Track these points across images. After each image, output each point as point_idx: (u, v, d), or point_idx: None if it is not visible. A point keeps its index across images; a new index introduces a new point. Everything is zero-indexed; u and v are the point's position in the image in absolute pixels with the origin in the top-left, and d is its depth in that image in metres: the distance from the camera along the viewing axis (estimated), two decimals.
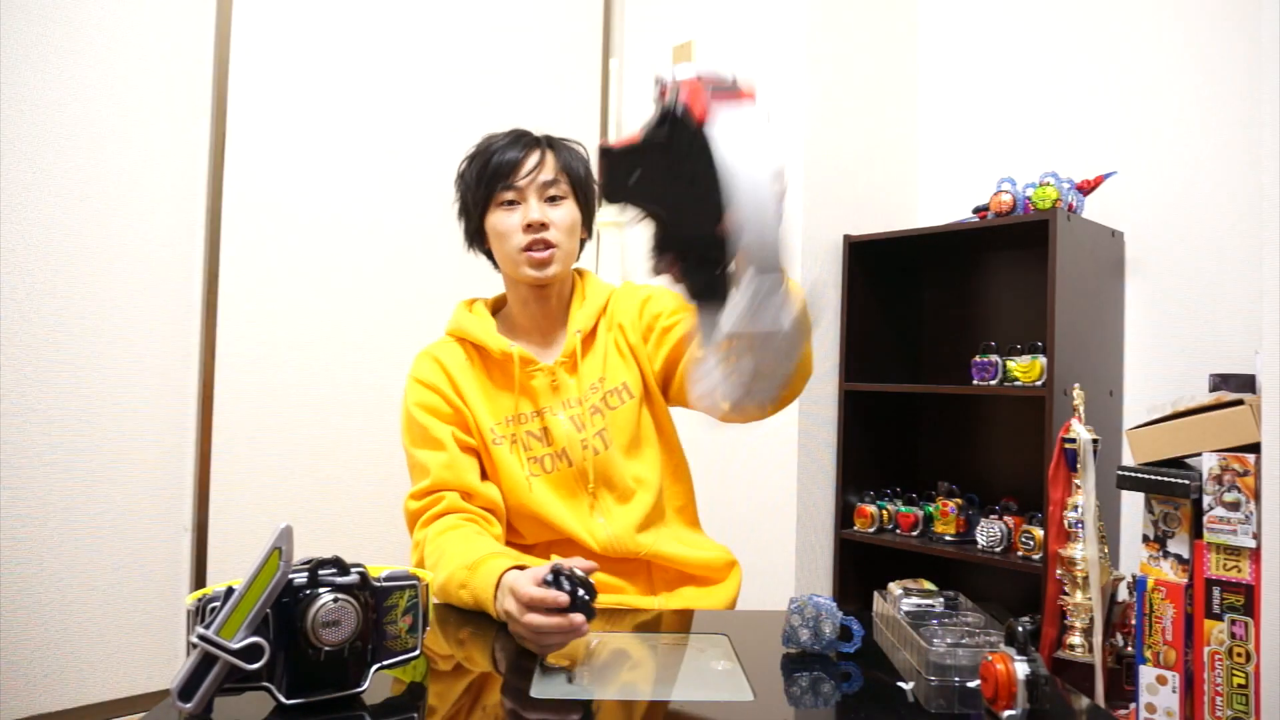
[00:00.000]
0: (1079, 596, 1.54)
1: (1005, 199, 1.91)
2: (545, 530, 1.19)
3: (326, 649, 0.69)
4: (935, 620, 0.88)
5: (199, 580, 1.77)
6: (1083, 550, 1.54)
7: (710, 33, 2.33)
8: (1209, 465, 1.43)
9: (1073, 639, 1.55)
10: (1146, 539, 1.53)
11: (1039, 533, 1.80)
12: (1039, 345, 1.85)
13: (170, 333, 1.76)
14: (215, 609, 0.66)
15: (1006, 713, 0.68)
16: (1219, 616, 1.40)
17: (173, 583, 1.76)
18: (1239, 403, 1.44)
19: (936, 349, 2.33)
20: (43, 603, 1.59)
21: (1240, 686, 1.38)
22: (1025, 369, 1.84)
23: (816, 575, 2.11)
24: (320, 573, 0.70)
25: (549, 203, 1.20)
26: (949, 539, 2.00)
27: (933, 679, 0.78)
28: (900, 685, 0.79)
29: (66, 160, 1.63)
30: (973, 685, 0.76)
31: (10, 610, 1.54)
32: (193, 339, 1.78)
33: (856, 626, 0.87)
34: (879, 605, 0.96)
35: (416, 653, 0.77)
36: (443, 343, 1.26)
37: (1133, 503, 1.87)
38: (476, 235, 1.25)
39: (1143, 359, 1.98)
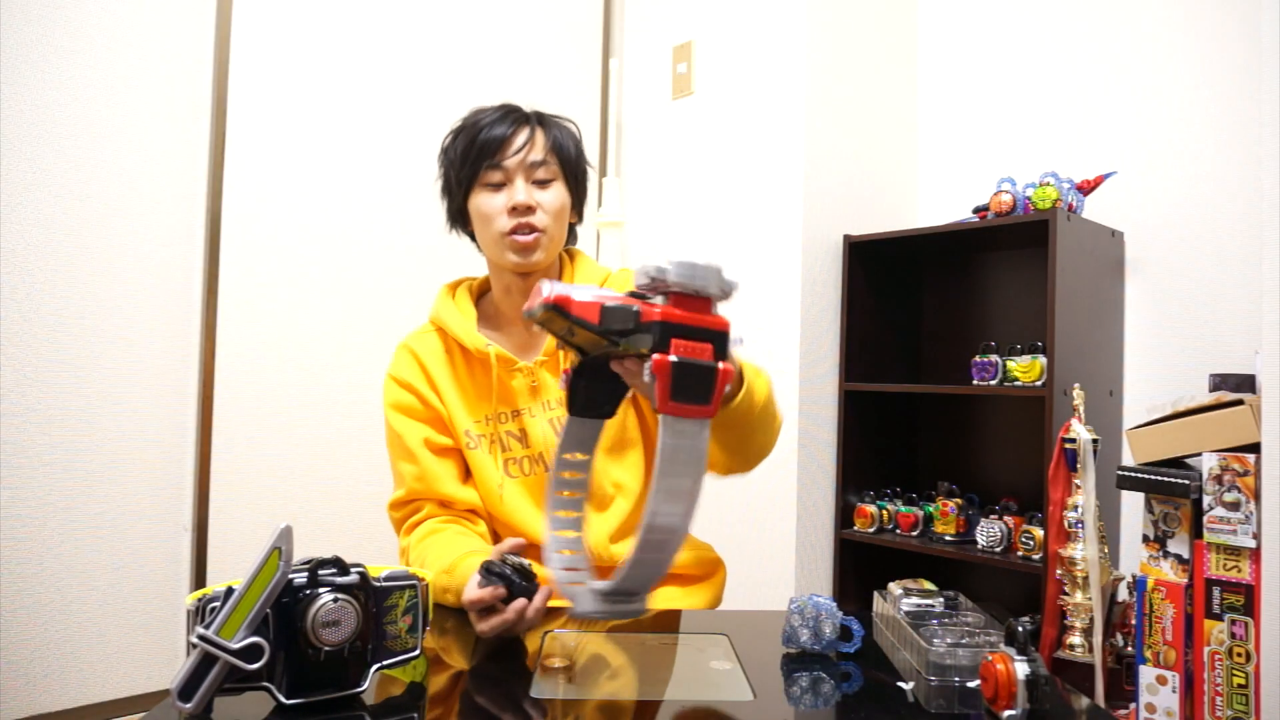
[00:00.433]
0: (1079, 596, 1.54)
1: (1005, 199, 1.90)
2: (517, 535, 1.14)
3: (326, 649, 0.69)
4: (935, 620, 0.88)
5: (199, 580, 1.77)
6: (1083, 550, 1.53)
7: (710, 33, 2.33)
8: (1209, 465, 1.42)
9: (1073, 639, 1.55)
10: (1146, 539, 1.53)
11: (1039, 533, 1.80)
12: (1039, 345, 1.85)
13: (170, 333, 1.76)
14: (215, 609, 0.66)
15: (1006, 713, 0.68)
16: (1219, 616, 1.40)
17: (173, 583, 1.76)
18: (1239, 403, 1.44)
19: (936, 349, 2.33)
20: (43, 603, 1.58)
21: (1240, 686, 1.38)
22: (1025, 369, 1.84)
23: (816, 575, 2.11)
24: (320, 573, 0.70)
25: (537, 185, 1.12)
26: (949, 539, 2.00)
27: (933, 679, 0.78)
28: (900, 685, 0.79)
29: (66, 160, 1.63)
30: (973, 685, 0.76)
31: (10, 610, 1.54)
32: (193, 339, 1.78)
33: (856, 626, 0.87)
34: (879, 605, 0.96)
35: (416, 653, 0.77)
36: (422, 332, 1.20)
37: (1133, 503, 1.87)
38: (459, 216, 1.18)
39: (1143, 359, 1.98)
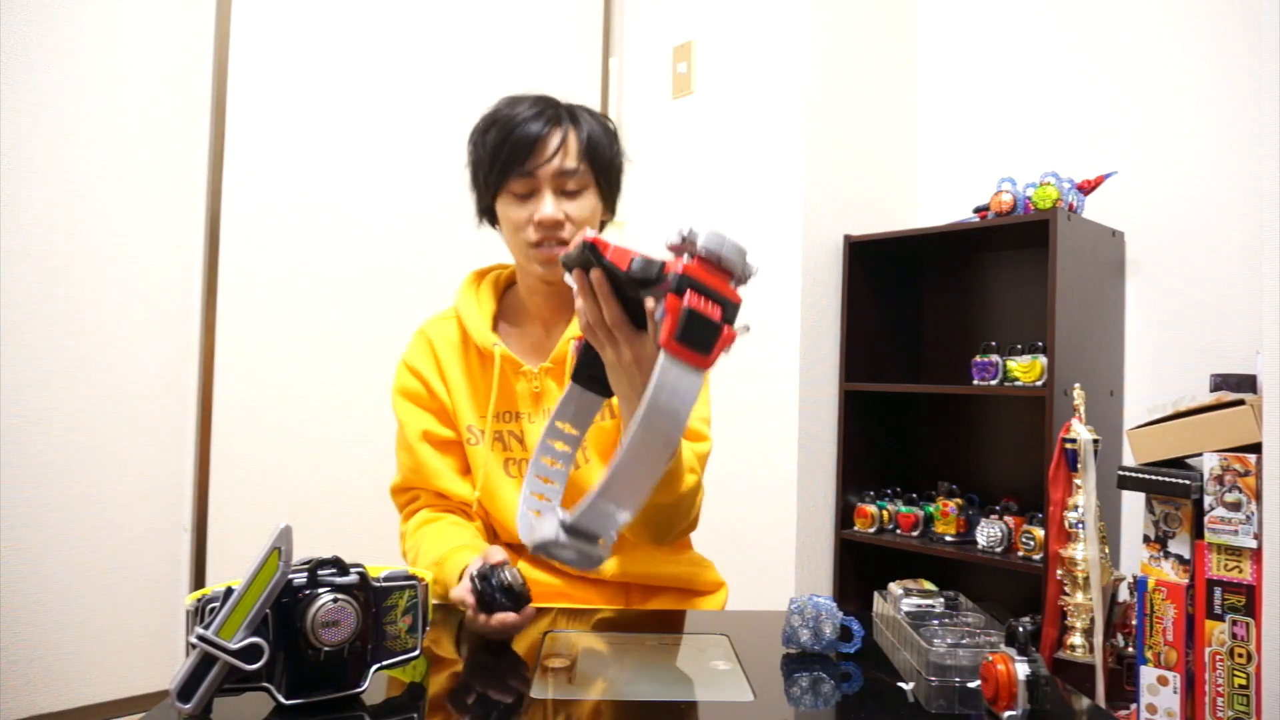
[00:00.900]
0: (1079, 597, 1.54)
1: (1005, 199, 1.90)
2: (510, 537, 1.14)
3: (326, 649, 0.69)
4: (935, 620, 0.88)
5: (198, 580, 1.77)
6: (1083, 550, 1.53)
7: (710, 33, 2.33)
8: (1210, 465, 1.42)
9: (1073, 639, 1.55)
10: (1147, 539, 1.53)
11: (1039, 533, 1.80)
12: (1039, 345, 1.84)
13: (170, 333, 1.76)
14: (214, 609, 0.66)
15: (1007, 713, 0.68)
16: (1220, 617, 1.40)
17: (172, 583, 1.75)
18: (1240, 403, 1.43)
19: (936, 349, 2.33)
20: (43, 603, 1.58)
21: (1241, 687, 1.38)
22: (1025, 369, 1.84)
23: (816, 575, 2.11)
24: (320, 573, 0.70)
25: (566, 196, 1.09)
26: (949, 539, 1.99)
27: (933, 679, 0.78)
28: (900, 685, 0.78)
29: (66, 160, 1.63)
30: (973, 686, 0.75)
31: (10, 610, 1.54)
32: (193, 339, 1.78)
33: (856, 627, 0.87)
34: (879, 605, 0.96)
35: (416, 653, 0.77)
36: (442, 318, 1.20)
37: (1133, 503, 1.87)
38: (488, 212, 1.16)
39: (1143, 359, 1.98)
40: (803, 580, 2.07)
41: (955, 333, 2.28)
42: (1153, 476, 1.50)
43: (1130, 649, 1.56)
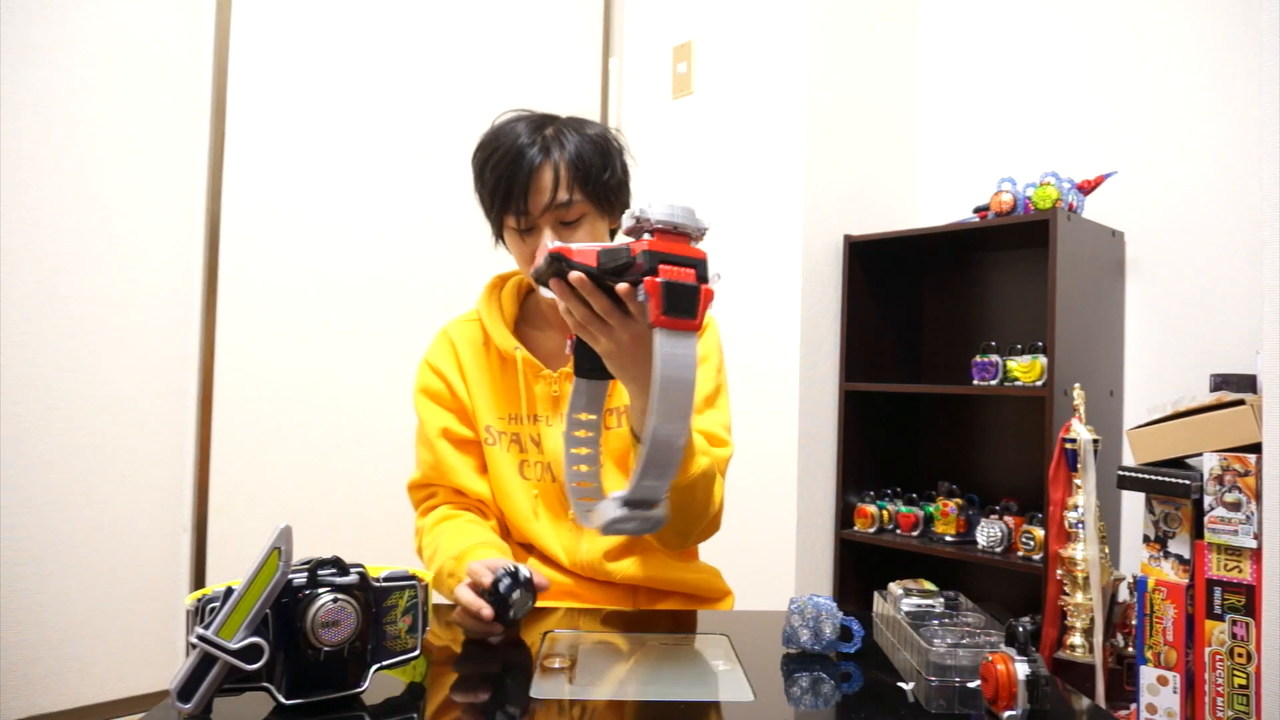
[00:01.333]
0: (1079, 597, 1.54)
1: (1005, 199, 1.90)
2: (524, 539, 1.17)
3: (326, 649, 0.69)
4: (935, 620, 0.88)
5: (198, 580, 1.77)
6: (1083, 550, 1.53)
7: (710, 33, 2.33)
8: (1210, 465, 1.42)
9: (1073, 639, 1.55)
10: (1147, 539, 1.53)
11: (1039, 533, 1.80)
12: (1039, 345, 1.85)
13: (170, 333, 1.76)
14: (215, 609, 0.66)
15: (1007, 713, 0.68)
16: (1220, 617, 1.40)
17: (172, 583, 1.75)
18: (1240, 403, 1.43)
19: (936, 349, 2.33)
20: (42, 603, 1.58)
21: (1241, 687, 1.38)
22: (1025, 369, 1.84)
23: (816, 575, 2.11)
24: (320, 573, 0.70)
25: (565, 227, 1.07)
26: (949, 539, 1.99)
27: (933, 679, 0.78)
28: (900, 685, 0.78)
29: (66, 160, 1.63)
30: (973, 685, 0.75)
31: (10, 610, 1.54)
32: (193, 339, 1.78)
33: (857, 627, 0.87)
34: (879, 605, 0.96)
35: (416, 653, 0.77)
36: (465, 320, 1.22)
37: (1133, 503, 1.87)
38: (499, 235, 1.16)
39: (1143, 359, 1.98)
40: (803, 580, 2.07)
41: (955, 333, 2.28)
42: (1153, 476, 1.50)
43: (1130, 649, 1.56)
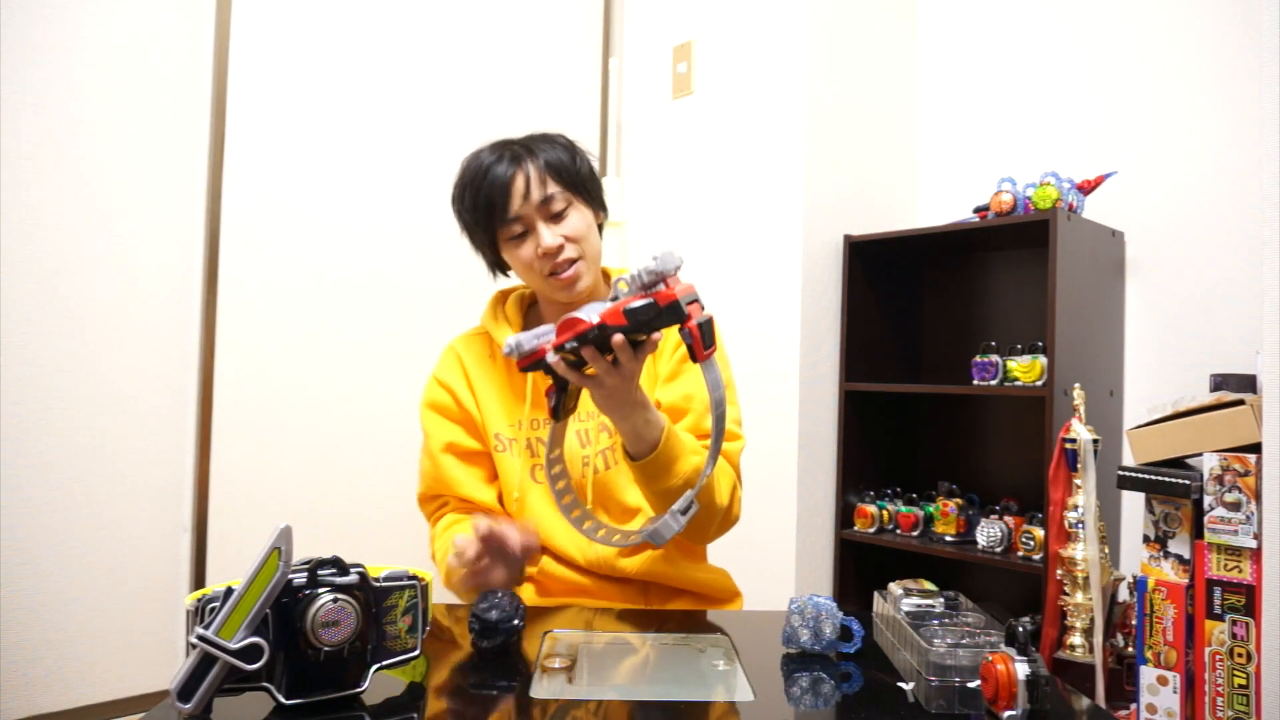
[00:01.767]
0: (1079, 597, 1.54)
1: (1005, 199, 1.90)
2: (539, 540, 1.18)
3: (326, 649, 0.69)
4: (935, 620, 0.88)
5: (198, 580, 1.77)
6: (1083, 550, 1.53)
7: (710, 33, 2.33)
8: (1210, 465, 1.42)
9: (1073, 639, 1.55)
10: (1147, 539, 1.53)
11: (1039, 533, 1.80)
12: (1039, 345, 1.85)
13: (170, 333, 1.76)
14: (215, 609, 0.66)
15: (1007, 713, 0.68)
16: (1220, 617, 1.40)
17: (172, 583, 1.75)
18: (1240, 403, 1.43)
19: (936, 349, 2.33)
20: (42, 603, 1.58)
21: (1241, 687, 1.38)
22: (1025, 369, 1.84)
23: (816, 575, 2.11)
24: (320, 573, 0.70)
25: (555, 220, 1.14)
26: (949, 539, 1.99)
27: (933, 679, 0.78)
28: (900, 685, 0.78)
29: (66, 160, 1.63)
30: (973, 685, 0.75)
31: (10, 610, 1.54)
32: (193, 339, 1.78)
33: (856, 626, 0.87)
34: (879, 605, 0.96)
35: (416, 653, 0.77)
36: (472, 334, 1.27)
37: (1133, 503, 1.87)
38: (498, 264, 1.22)
39: (1143, 359, 1.98)
40: (803, 580, 2.07)
41: (955, 333, 2.28)
42: (1153, 476, 1.50)
43: (1130, 649, 1.56)
